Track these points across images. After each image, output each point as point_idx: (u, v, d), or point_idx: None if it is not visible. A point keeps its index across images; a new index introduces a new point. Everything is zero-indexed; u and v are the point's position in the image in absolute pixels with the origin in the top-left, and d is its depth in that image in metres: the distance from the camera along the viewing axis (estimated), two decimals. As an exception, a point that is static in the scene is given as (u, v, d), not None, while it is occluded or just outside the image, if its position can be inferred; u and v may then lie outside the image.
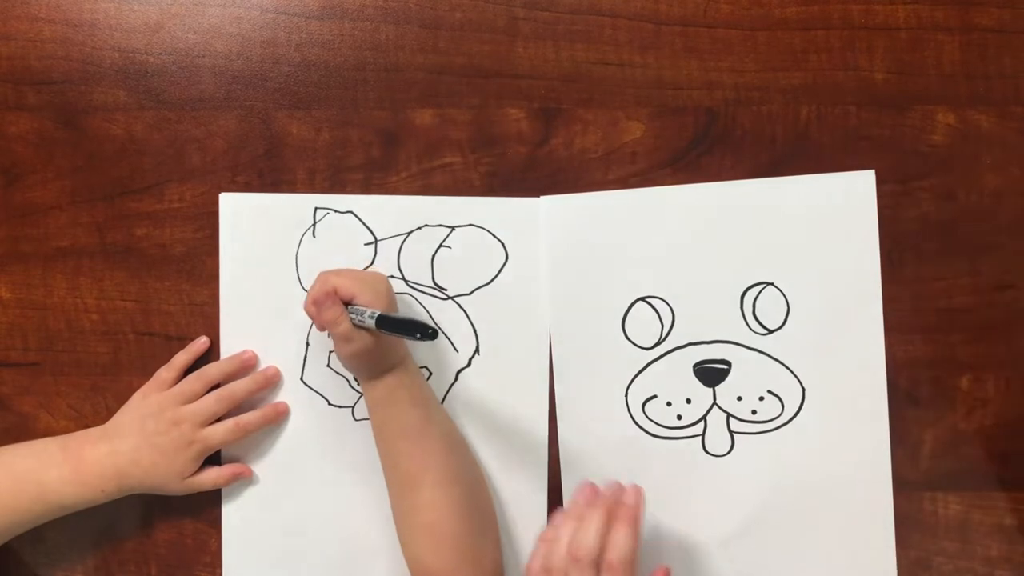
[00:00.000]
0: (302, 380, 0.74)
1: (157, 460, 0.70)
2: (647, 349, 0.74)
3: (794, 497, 0.73)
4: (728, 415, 0.73)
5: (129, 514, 0.75)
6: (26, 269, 0.75)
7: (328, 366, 0.74)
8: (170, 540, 0.75)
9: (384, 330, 0.63)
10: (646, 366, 0.74)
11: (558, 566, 0.62)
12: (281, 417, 0.74)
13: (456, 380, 0.74)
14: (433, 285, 0.74)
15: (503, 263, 0.74)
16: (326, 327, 0.66)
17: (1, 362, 0.75)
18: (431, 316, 0.74)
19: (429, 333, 0.61)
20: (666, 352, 0.73)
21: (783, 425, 0.73)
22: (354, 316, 0.65)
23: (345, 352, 0.66)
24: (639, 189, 0.74)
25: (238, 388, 0.72)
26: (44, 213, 0.75)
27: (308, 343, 0.74)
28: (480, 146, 0.74)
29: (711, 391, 0.73)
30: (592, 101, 0.74)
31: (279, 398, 0.74)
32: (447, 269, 0.74)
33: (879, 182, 0.73)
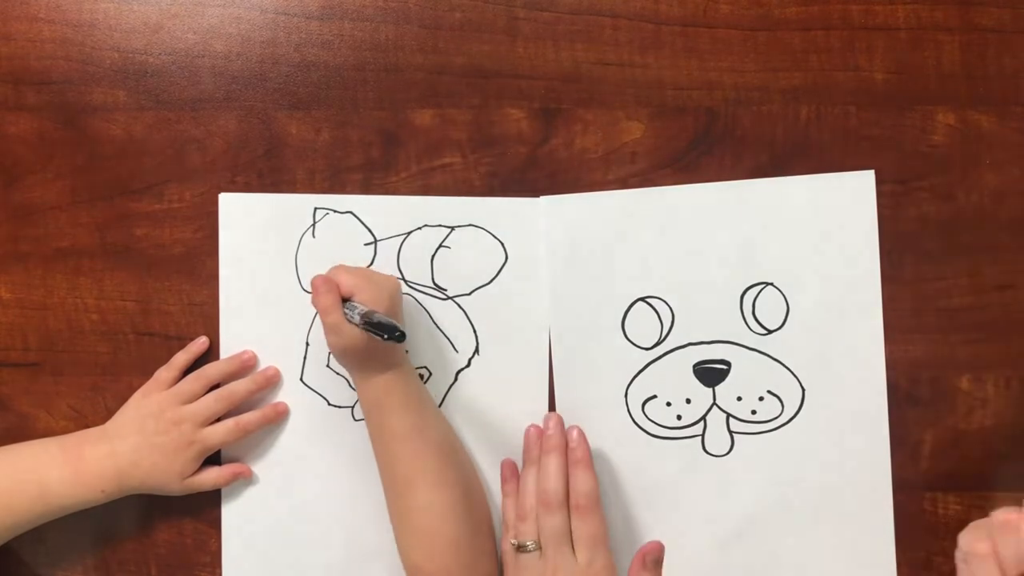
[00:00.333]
0: (302, 380, 0.74)
1: (157, 460, 0.70)
2: (647, 349, 0.74)
3: (794, 497, 0.73)
4: (728, 415, 0.73)
5: (129, 514, 0.75)
6: (26, 269, 0.75)
7: (328, 366, 0.74)
8: (170, 540, 0.75)
9: (364, 327, 0.63)
10: (646, 366, 0.74)
11: (530, 513, 0.68)
12: (281, 417, 0.74)
13: (456, 380, 0.74)
14: (433, 285, 0.74)
15: (503, 263, 0.74)
16: (319, 315, 0.66)
17: (1, 362, 0.75)
18: (431, 316, 0.74)
19: (396, 336, 0.62)
20: (666, 352, 0.73)
21: (783, 425, 0.73)
22: (347, 312, 0.65)
23: (332, 344, 0.67)
24: (639, 189, 0.74)
25: (238, 388, 0.72)
26: (44, 213, 0.75)
27: (308, 343, 0.74)
28: (480, 146, 0.74)
29: (711, 391, 0.73)
30: (592, 101, 0.74)
31: (279, 398, 0.74)
32: (447, 269, 0.74)
33: (879, 182, 0.73)
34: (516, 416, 0.74)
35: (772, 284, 0.73)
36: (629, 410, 0.74)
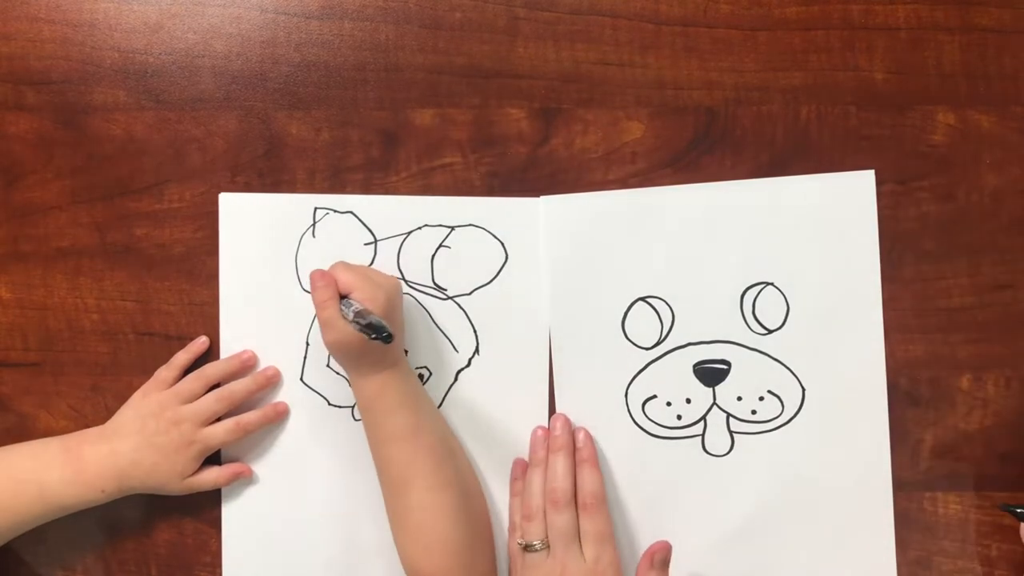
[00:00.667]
0: (302, 380, 0.74)
1: (157, 460, 0.70)
2: (647, 349, 0.74)
3: (794, 497, 0.73)
4: (728, 415, 0.73)
5: (129, 514, 0.75)
6: (26, 269, 0.75)
7: (328, 366, 0.74)
8: (170, 540, 0.75)
9: (355, 325, 0.63)
10: (646, 366, 0.74)
11: (537, 512, 0.68)
12: (281, 417, 0.74)
13: (456, 380, 0.74)
14: (433, 285, 0.74)
15: (503, 263, 0.74)
16: (315, 307, 0.66)
17: (1, 362, 0.75)
18: (431, 316, 0.74)
19: (384, 336, 0.62)
20: (666, 352, 0.73)
21: (783, 425, 0.73)
22: (343, 308, 0.65)
23: (326, 340, 0.67)
24: (639, 189, 0.74)
25: (238, 388, 0.72)
26: (44, 213, 0.75)
27: (308, 343, 0.74)
28: (480, 146, 0.74)
29: (711, 391, 0.73)
30: (592, 101, 0.74)
31: (279, 398, 0.74)
32: (447, 269, 0.74)
33: (879, 182, 0.73)
34: (516, 416, 0.74)
35: (772, 284, 0.73)
36: (629, 410, 0.74)
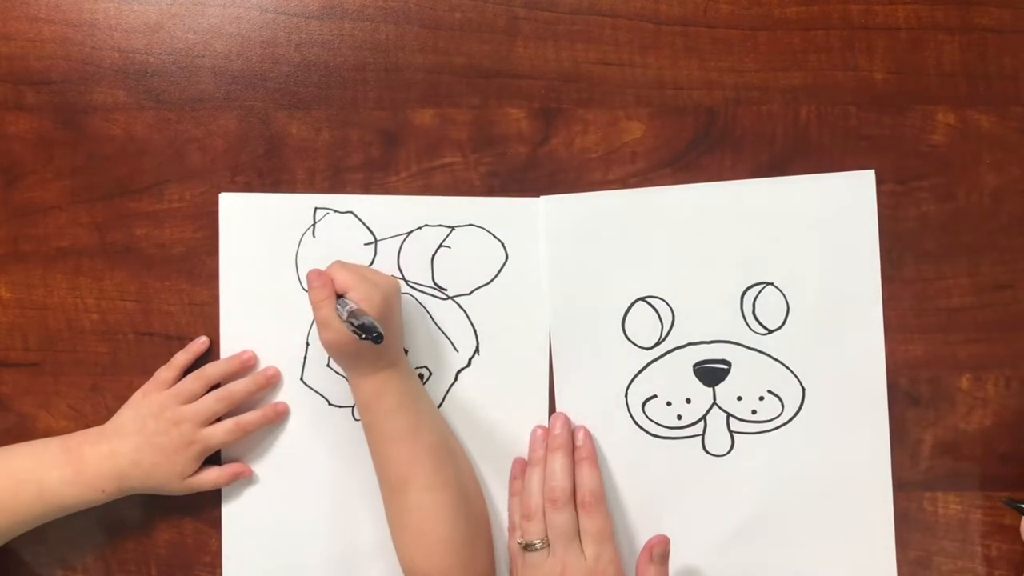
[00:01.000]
0: (302, 380, 0.74)
1: (157, 460, 0.70)
2: (647, 349, 0.74)
3: (794, 497, 0.73)
4: (728, 415, 0.73)
5: (129, 514, 0.75)
6: (26, 269, 0.75)
7: (328, 366, 0.74)
8: (170, 540, 0.75)
9: (347, 324, 0.64)
10: (646, 366, 0.74)
11: (536, 512, 0.68)
12: (281, 417, 0.74)
13: (456, 380, 0.74)
14: (433, 285, 0.74)
15: (503, 263, 0.74)
16: (311, 307, 0.67)
17: (1, 362, 0.75)
18: (431, 316, 0.74)
19: (374, 336, 0.62)
20: (666, 352, 0.73)
21: (783, 425, 0.73)
22: (339, 308, 0.65)
23: (323, 339, 0.67)
24: (639, 189, 0.74)
25: (238, 388, 0.72)
26: (44, 213, 0.75)
27: (308, 343, 0.74)
28: (480, 146, 0.74)
29: (711, 391, 0.73)
30: (592, 101, 0.74)
31: (279, 398, 0.74)
32: (447, 269, 0.74)
33: (879, 182, 0.73)
34: (516, 416, 0.74)
35: (772, 284, 0.73)
36: (629, 410, 0.74)
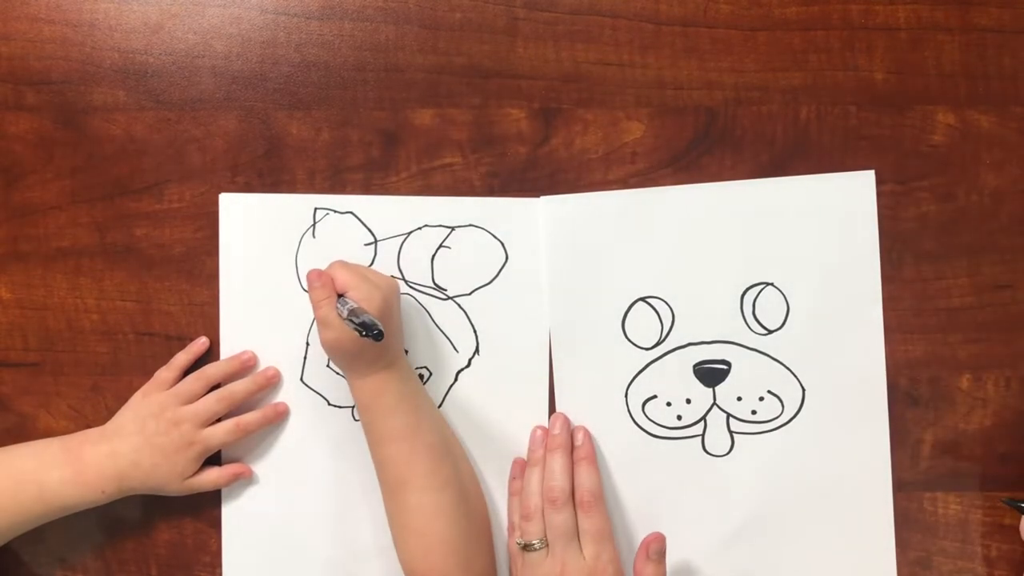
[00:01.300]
0: (302, 380, 0.74)
1: (158, 461, 0.70)
2: (647, 349, 0.74)
3: (794, 497, 0.73)
4: (728, 415, 0.73)
5: (129, 514, 0.75)
6: (26, 269, 0.75)
7: (328, 366, 0.74)
8: (170, 540, 0.75)
9: (348, 322, 0.64)
10: (646, 366, 0.74)
11: (535, 512, 0.68)
12: (281, 417, 0.74)
13: (456, 380, 0.74)
14: (433, 285, 0.74)
15: (503, 263, 0.74)
16: (311, 306, 0.67)
17: (1, 362, 0.75)
18: (431, 316, 0.74)
19: (374, 334, 0.62)
20: (666, 352, 0.73)
21: (783, 425, 0.73)
22: (338, 307, 0.65)
23: (322, 338, 0.67)
24: (639, 189, 0.74)
25: (238, 388, 0.72)
26: (44, 213, 0.75)
27: (308, 343, 0.74)
28: (480, 146, 0.74)
29: (711, 391, 0.73)
30: (592, 101, 0.74)
31: (279, 398, 0.74)
32: (447, 269, 0.74)
33: (879, 182, 0.73)
34: (516, 416, 0.74)
35: (772, 284, 0.73)
36: (629, 410, 0.74)
